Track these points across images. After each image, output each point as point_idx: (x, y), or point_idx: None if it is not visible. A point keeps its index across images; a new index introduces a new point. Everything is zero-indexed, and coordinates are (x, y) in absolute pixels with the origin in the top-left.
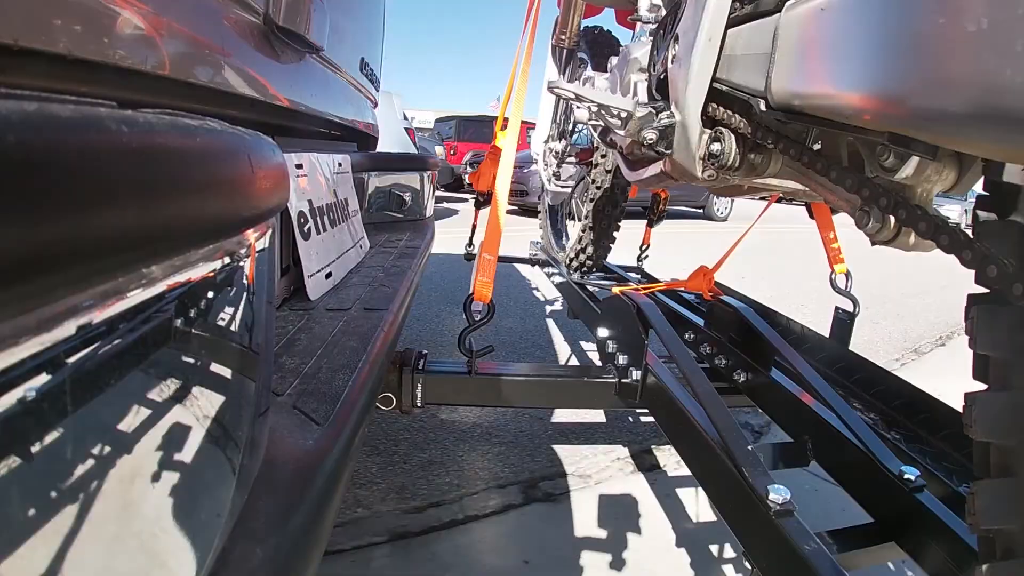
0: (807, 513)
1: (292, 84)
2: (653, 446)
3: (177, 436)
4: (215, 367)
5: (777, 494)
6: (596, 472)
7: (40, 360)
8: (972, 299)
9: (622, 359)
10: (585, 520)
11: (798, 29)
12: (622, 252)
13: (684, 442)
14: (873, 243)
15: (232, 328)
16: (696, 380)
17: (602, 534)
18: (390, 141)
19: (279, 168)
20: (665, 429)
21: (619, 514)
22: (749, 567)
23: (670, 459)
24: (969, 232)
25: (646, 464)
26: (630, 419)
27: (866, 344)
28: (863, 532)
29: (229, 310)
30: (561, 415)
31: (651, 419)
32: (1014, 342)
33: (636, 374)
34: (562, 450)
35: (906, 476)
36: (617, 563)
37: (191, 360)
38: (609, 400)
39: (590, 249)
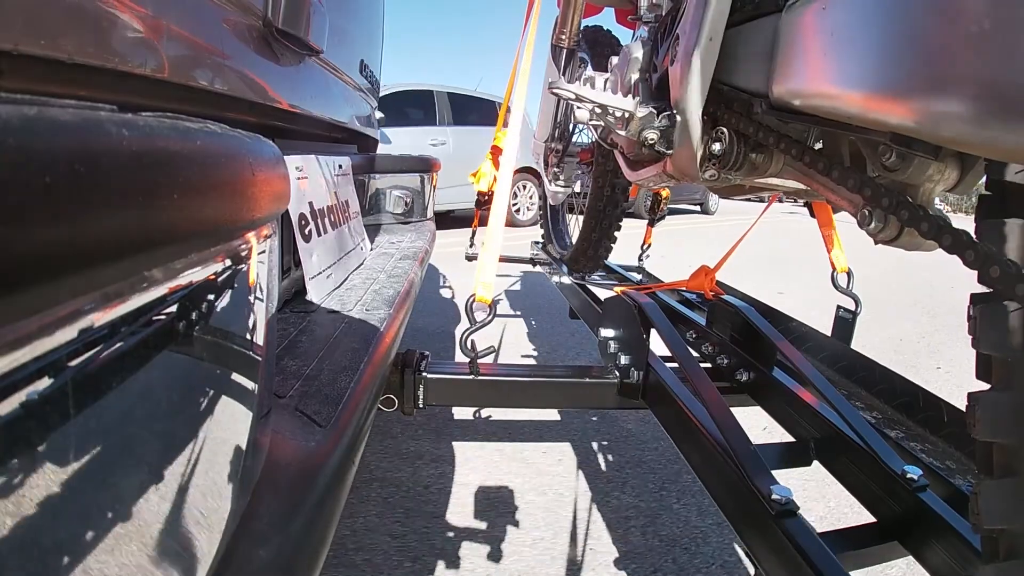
0: None
1: (292, 87)
2: None
3: (180, 439)
4: (217, 370)
5: (780, 494)
6: None
7: (43, 364)
8: (975, 299)
9: (624, 359)
10: None
11: (799, 28)
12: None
13: (686, 441)
14: (876, 243)
15: (234, 331)
16: (698, 380)
17: None
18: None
19: (280, 171)
20: (667, 428)
21: None
22: (752, 567)
23: None
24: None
25: None
26: None
27: None
28: (865, 532)
29: (231, 313)
30: None
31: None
32: (1017, 342)
33: (638, 374)
34: None
35: (908, 475)
36: None
37: (193, 363)
38: (611, 400)
39: (591, 249)
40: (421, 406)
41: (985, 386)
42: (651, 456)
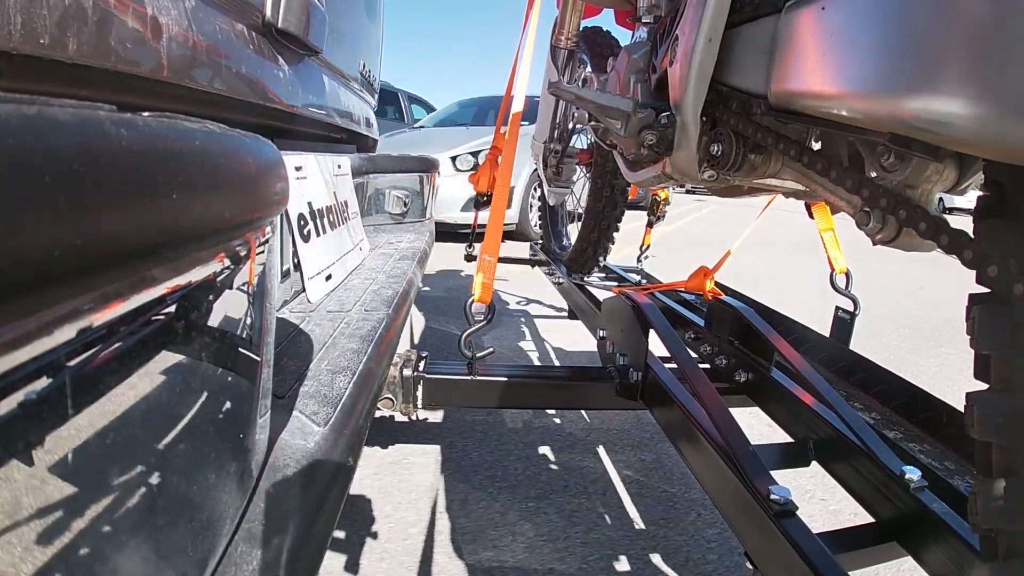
0: None
1: (291, 86)
2: None
3: (179, 439)
4: (217, 370)
5: (778, 494)
6: None
7: (41, 364)
8: (973, 299)
9: (622, 359)
10: None
11: (798, 29)
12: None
13: (685, 442)
14: (874, 243)
15: (233, 331)
16: (697, 380)
17: None
18: None
19: (279, 171)
20: (665, 429)
21: None
22: (750, 567)
23: None
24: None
25: None
26: None
27: None
28: (864, 532)
29: (230, 313)
30: None
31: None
32: (1015, 342)
33: (637, 375)
34: None
35: (907, 476)
36: None
37: (192, 363)
38: (610, 401)
39: (590, 250)
40: (420, 407)
41: (983, 386)
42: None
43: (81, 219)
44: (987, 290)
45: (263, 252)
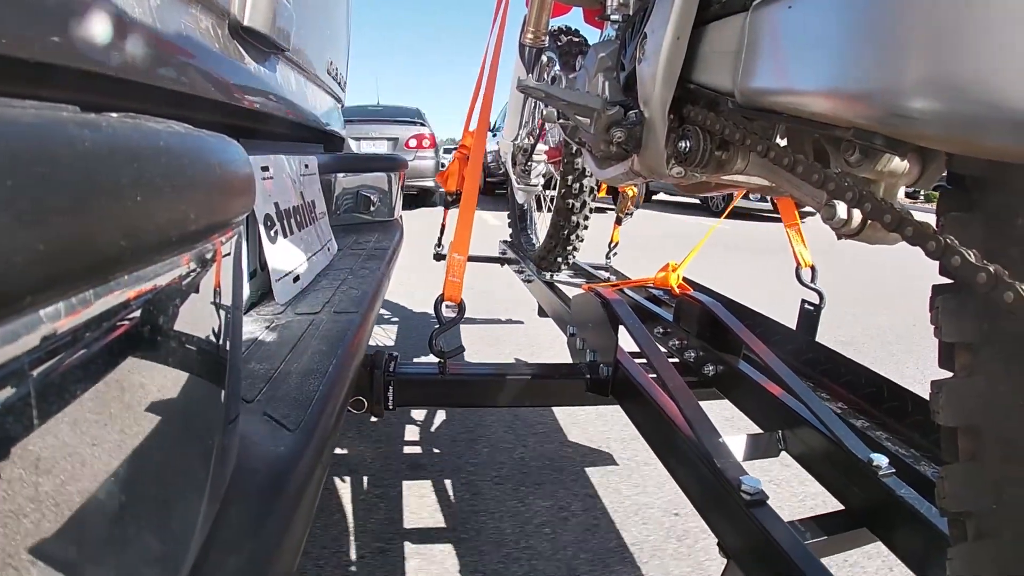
0: None
1: (257, 85)
2: None
3: (146, 446)
4: (183, 375)
5: (749, 484)
6: None
7: (5, 372)
8: (937, 290)
9: (592, 356)
10: None
11: (766, 27)
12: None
13: (656, 436)
14: (839, 237)
15: (199, 334)
16: (666, 375)
17: None
18: None
19: (245, 171)
20: (636, 424)
21: None
22: (723, 557)
23: None
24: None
25: None
26: None
27: None
28: (834, 519)
29: (196, 316)
30: None
31: None
32: (977, 330)
33: (607, 370)
34: None
35: (875, 463)
36: None
37: (158, 368)
38: (581, 397)
39: (560, 247)
40: (391, 407)
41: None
42: None
43: (43, 223)
44: (950, 281)
45: (229, 254)
